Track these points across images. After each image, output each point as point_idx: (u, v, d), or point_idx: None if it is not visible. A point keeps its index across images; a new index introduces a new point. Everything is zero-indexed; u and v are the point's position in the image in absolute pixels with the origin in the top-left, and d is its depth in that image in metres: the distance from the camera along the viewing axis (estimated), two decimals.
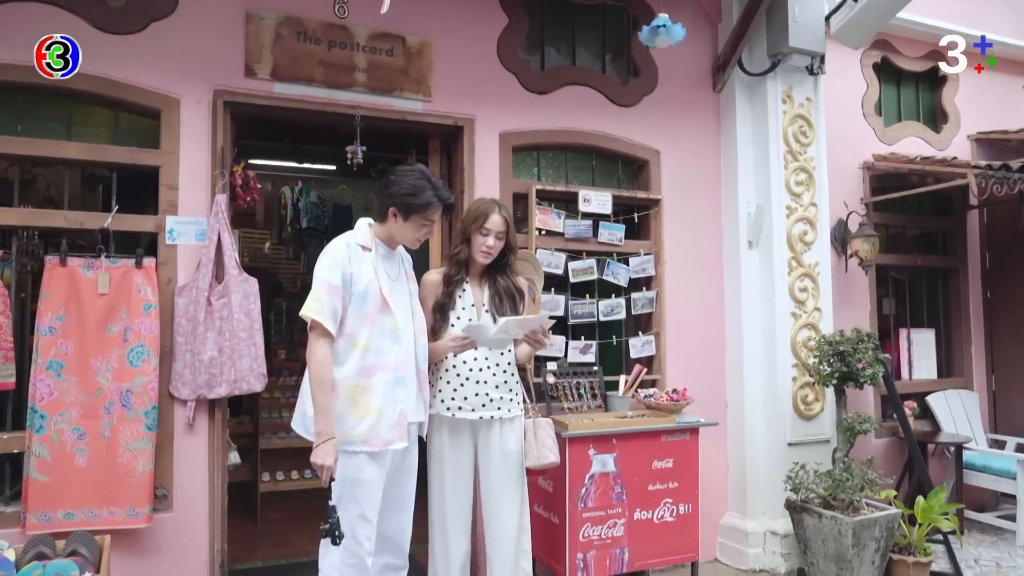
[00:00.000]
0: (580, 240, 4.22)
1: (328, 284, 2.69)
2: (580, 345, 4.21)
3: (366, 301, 2.76)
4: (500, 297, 3.13)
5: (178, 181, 3.41)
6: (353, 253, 2.77)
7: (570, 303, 4.18)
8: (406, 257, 3.05)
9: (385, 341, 2.78)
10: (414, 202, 2.78)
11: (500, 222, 3.08)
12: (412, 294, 2.99)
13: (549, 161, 4.33)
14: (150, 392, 3.28)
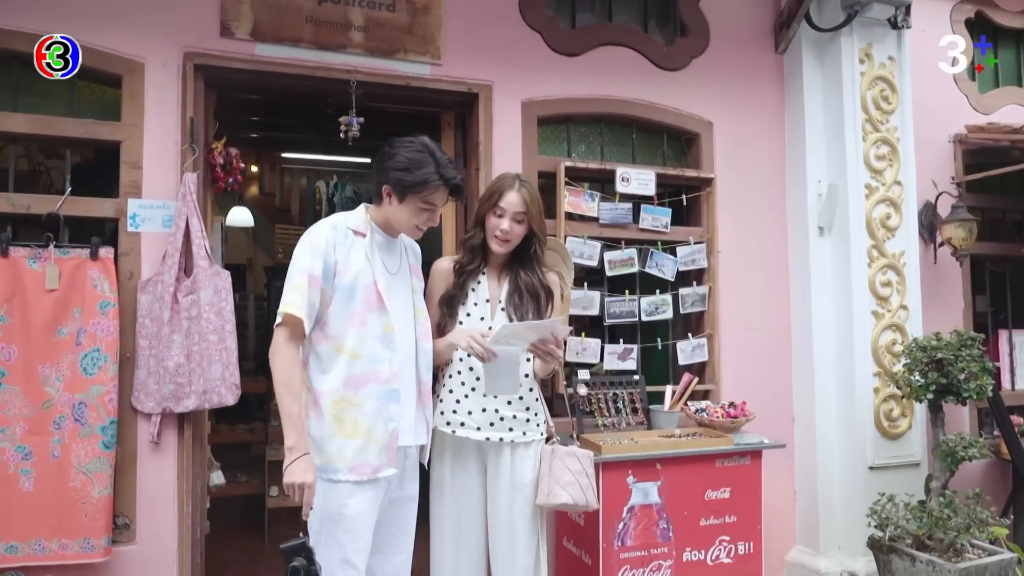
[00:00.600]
0: (618, 226, 3.60)
1: (308, 274, 2.18)
2: (618, 350, 3.59)
3: (354, 296, 2.24)
4: (520, 294, 2.55)
5: (142, 158, 2.93)
6: (340, 238, 2.25)
7: (606, 300, 3.57)
8: (412, 248, 2.51)
9: (377, 346, 2.25)
10: (409, 179, 2.23)
11: (517, 202, 2.50)
12: (416, 292, 2.45)
13: (581, 134, 3.72)
14: (108, 404, 2.80)
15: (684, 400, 3.44)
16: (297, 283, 2.17)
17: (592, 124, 3.71)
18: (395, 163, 2.23)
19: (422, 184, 2.23)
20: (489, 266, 2.62)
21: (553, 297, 2.63)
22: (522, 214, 2.52)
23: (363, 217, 2.35)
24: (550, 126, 3.66)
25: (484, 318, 2.56)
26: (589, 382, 3.37)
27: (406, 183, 2.23)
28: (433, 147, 2.28)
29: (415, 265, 2.49)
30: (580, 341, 3.51)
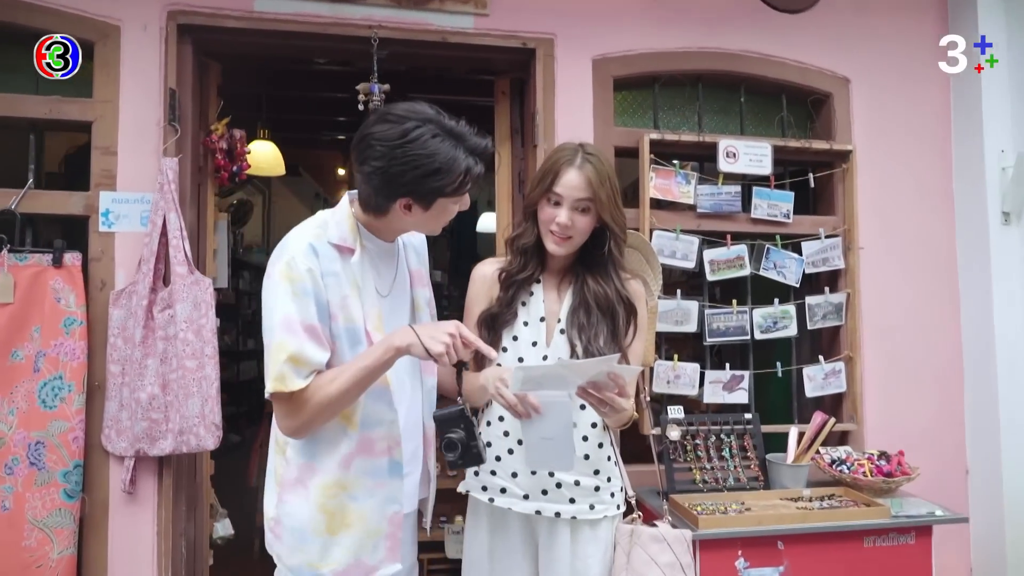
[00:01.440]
0: (722, 216, 2.76)
1: (302, 325, 1.49)
2: (723, 378, 2.75)
3: (357, 344, 1.57)
4: (588, 310, 1.82)
5: (117, 142, 2.39)
6: (325, 264, 1.54)
7: (707, 313, 2.73)
8: (411, 243, 1.79)
9: (371, 407, 1.59)
10: (443, 183, 1.49)
11: (579, 183, 1.77)
12: (420, 308, 1.76)
13: (671, 99, 2.90)
14: (71, 444, 2.27)
15: (815, 447, 2.55)
16: (285, 343, 1.48)
17: (686, 86, 2.89)
18: (413, 165, 1.46)
19: (461, 183, 1.51)
20: (547, 272, 1.89)
21: (636, 313, 1.86)
22: (586, 200, 1.77)
23: (349, 223, 1.59)
24: (630, 90, 2.87)
25: (537, 343, 1.83)
26: (683, 422, 2.55)
27: (440, 189, 1.50)
28: (444, 119, 1.50)
29: (418, 270, 1.78)
30: (672, 367, 2.69)
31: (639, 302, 1.89)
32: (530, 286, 1.89)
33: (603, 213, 1.79)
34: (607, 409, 1.63)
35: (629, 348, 1.85)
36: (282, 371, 1.46)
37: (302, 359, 1.47)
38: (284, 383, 1.46)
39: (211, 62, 2.67)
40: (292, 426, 1.53)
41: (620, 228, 1.85)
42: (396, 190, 1.49)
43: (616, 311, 1.83)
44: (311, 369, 1.49)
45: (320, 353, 1.50)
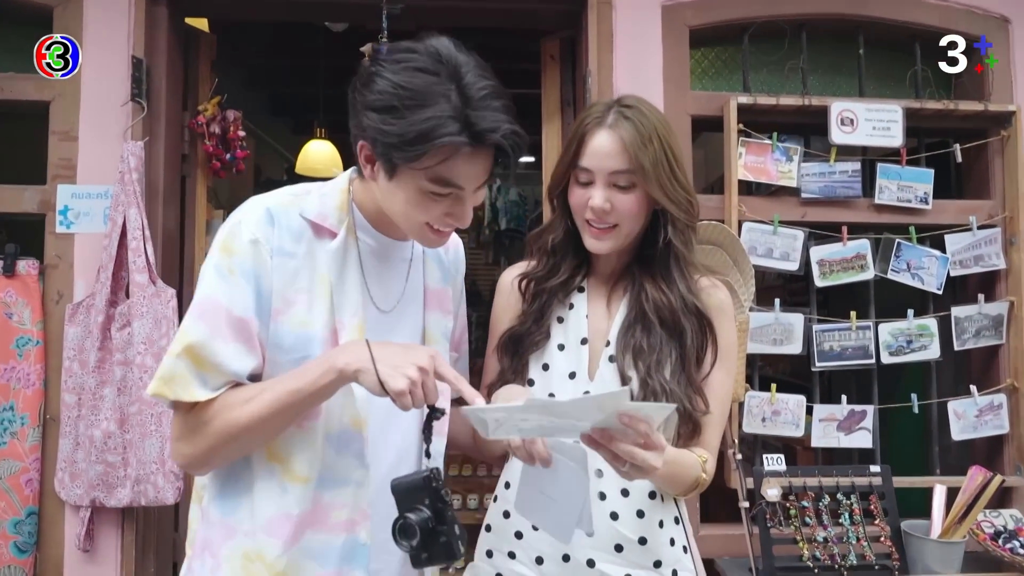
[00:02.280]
0: (835, 202, 2.12)
1: (225, 314, 1.04)
2: (839, 414, 2.10)
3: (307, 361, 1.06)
4: (648, 328, 1.26)
5: (78, 125, 1.99)
6: (283, 243, 1.08)
7: (816, 330, 2.09)
8: (437, 256, 1.26)
9: (332, 459, 1.09)
10: (398, 132, 0.96)
11: (613, 149, 1.22)
12: (435, 338, 1.23)
13: (765, 54, 2.25)
14: (25, 488, 1.89)
15: (973, 515, 1.86)
16: (191, 331, 1.03)
17: (785, 36, 2.24)
18: (372, 96, 0.99)
19: (423, 141, 0.96)
20: (593, 277, 1.34)
21: (714, 331, 1.27)
22: (625, 173, 1.21)
23: (339, 199, 1.12)
24: (712, 44, 2.26)
25: (576, 374, 1.27)
26: (785, 474, 1.91)
27: (394, 141, 0.97)
28: (457, 59, 0.99)
29: (439, 289, 1.25)
30: (769, 400, 2.06)
31: (721, 316, 1.30)
32: (568, 296, 1.33)
33: (650, 188, 1.21)
34: (627, 467, 1.05)
35: (707, 381, 1.27)
36: (174, 369, 1.01)
37: (207, 359, 1.01)
38: (171, 387, 1.00)
39: (202, 32, 2.25)
40: (185, 453, 1.06)
41: (681, 209, 1.26)
42: (356, 124, 1.02)
43: (684, 328, 1.25)
44: (222, 378, 1.02)
45: (240, 358, 1.03)
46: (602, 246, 1.26)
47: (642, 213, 1.25)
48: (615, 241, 1.25)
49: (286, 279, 1.05)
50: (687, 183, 1.27)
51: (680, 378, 1.23)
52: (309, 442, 1.07)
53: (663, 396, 1.21)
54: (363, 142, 1.02)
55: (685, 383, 1.23)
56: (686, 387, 1.23)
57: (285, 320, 1.05)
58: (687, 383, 1.23)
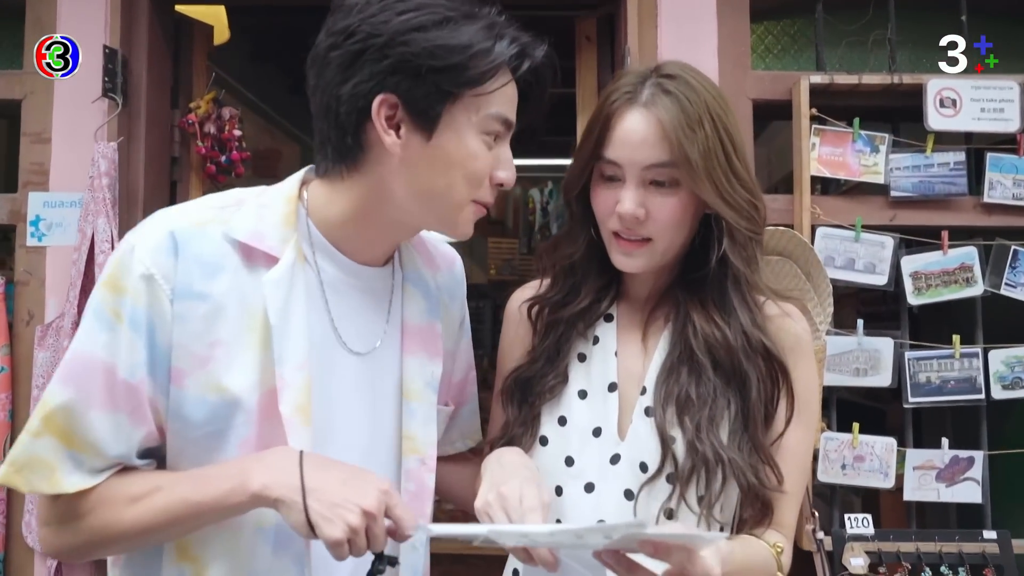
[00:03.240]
0: (932, 202, 1.75)
1: (103, 374, 0.77)
2: (938, 460, 1.72)
3: (224, 438, 0.80)
4: (696, 371, 0.94)
5: (51, 126, 1.79)
6: (191, 274, 0.79)
7: (908, 357, 1.72)
8: (421, 278, 0.96)
9: (277, 558, 0.80)
10: (470, 41, 0.77)
11: (648, 134, 0.90)
12: (416, 393, 0.93)
13: (841, 24, 1.87)
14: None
15: None
16: (55, 396, 0.78)
17: (867, 5, 1.86)
18: (407, 16, 0.76)
19: (492, 61, 0.78)
20: (624, 302, 1.03)
21: (788, 376, 0.94)
22: (665, 167, 0.90)
23: (283, 210, 0.84)
24: (776, 16, 1.91)
25: (602, 431, 0.96)
26: (873, 539, 1.55)
27: (459, 60, 0.77)
28: None
29: (424, 325, 0.95)
30: (850, 443, 1.70)
31: (797, 356, 0.96)
32: (591, 327, 1.01)
33: (700, 187, 0.90)
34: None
35: (780, 443, 0.94)
36: (31, 451, 0.77)
37: (78, 434, 0.76)
38: (25, 476, 0.76)
39: (196, 21, 2.02)
40: (53, 544, 0.82)
41: (742, 215, 0.93)
42: (370, 74, 0.77)
43: (746, 374, 0.92)
44: (102, 461, 0.77)
45: (122, 435, 0.77)
46: (633, 263, 0.94)
47: (687, 221, 0.93)
48: (650, 258, 0.94)
49: (194, 330, 0.78)
50: (750, 180, 0.94)
51: (742, 441, 0.91)
52: (232, 538, 0.79)
53: (717, 465, 0.89)
54: (384, 95, 0.77)
55: (749, 448, 0.91)
56: (750, 454, 0.91)
57: (193, 384, 0.78)
58: (751, 448, 0.91)
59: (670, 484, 0.91)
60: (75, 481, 0.76)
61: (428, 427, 0.91)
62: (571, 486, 0.93)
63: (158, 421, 0.79)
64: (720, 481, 0.89)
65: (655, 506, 0.90)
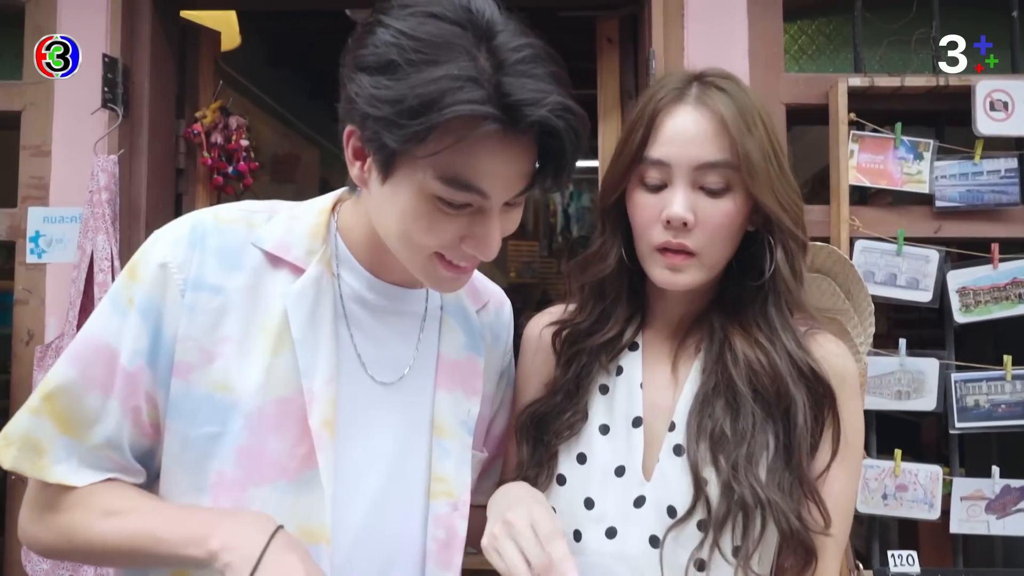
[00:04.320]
0: (979, 212, 1.65)
1: (110, 359, 0.75)
2: (986, 491, 1.60)
3: (219, 441, 0.75)
4: (735, 404, 0.84)
5: (51, 139, 1.73)
6: (211, 268, 0.76)
7: (954, 380, 1.61)
8: (460, 310, 0.90)
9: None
10: (402, 95, 0.63)
11: (703, 131, 0.82)
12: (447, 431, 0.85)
13: (881, 23, 1.76)
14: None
15: None
16: (58, 376, 0.75)
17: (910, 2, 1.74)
18: (365, 52, 0.67)
19: (429, 110, 0.62)
20: (651, 328, 0.94)
21: (835, 405, 0.84)
22: (721, 164, 0.82)
23: (314, 222, 0.80)
24: (811, 15, 1.80)
25: (625, 471, 0.87)
26: None
27: (389, 113, 0.64)
28: (491, 13, 0.67)
29: (463, 360, 0.88)
30: (892, 471, 1.59)
31: (845, 390, 0.87)
32: (616, 357, 0.92)
33: (759, 189, 0.82)
34: None
35: (825, 482, 0.84)
36: (25, 428, 0.75)
37: (74, 416, 0.74)
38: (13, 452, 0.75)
39: (203, 28, 1.95)
40: (28, 534, 0.80)
41: (797, 224, 0.85)
42: (344, 102, 0.71)
43: (792, 398, 0.82)
44: (90, 450, 0.75)
45: (109, 420, 0.75)
46: (680, 280, 0.84)
47: (735, 232, 0.84)
48: (696, 274, 0.84)
49: (204, 323, 0.75)
50: (797, 189, 0.86)
51: (783, 479, 0.81)
52: None
53: (756, 509, 0.80)
54: (351, 127, 0.71)
55: (791, 486, 0.81)
56: (792, 492, 0.81)
57: (199, 379, 0.74)
58: (794, 485, 0.81)
59: (701, 531, 0.81)
60: (59, 472, 0.74)
61: (462, 469, 0.84)
62: (591, 531, 0.85)
63: (153, 417, 0.76)
64: (759, 528, 0.79)
65: (683, 555, 0.81)
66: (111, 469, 0.76)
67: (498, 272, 8.06)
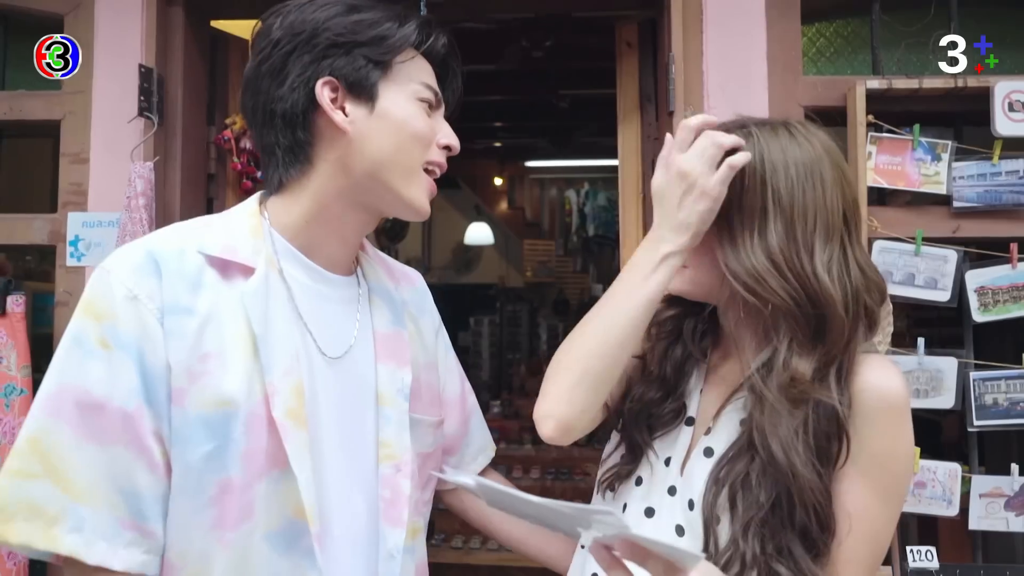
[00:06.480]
0: (997, 212, 1.65)
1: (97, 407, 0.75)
2: (1006, 488, 1.62)
3: (224, 451, 0.79)
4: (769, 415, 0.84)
5: (89, 146, 1.79)
6: (176, 290, 0.80)
7: (973, 378, 1.62)
8: (384, 289, 0.99)
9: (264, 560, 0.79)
10: (382, 16, 0.87)
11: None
12: (390, 399, 0.93)
13: (899, 25, 1.78)
14: (6, 562, 1.69)
15: None
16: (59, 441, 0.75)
17: (929, 3, 1.76)
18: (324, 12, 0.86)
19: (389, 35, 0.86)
20: (720, 338, 0.99)
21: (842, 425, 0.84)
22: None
23: (249, 223, 0.88)
24: (829, 18, 1.82)
25: (671, 461, 0.94)
26: (937, 573, 1.46)
27: (379, 33, 0.86)
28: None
29: (391, 332, 0.96)
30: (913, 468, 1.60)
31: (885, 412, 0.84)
32: (690, 365, 0.97)
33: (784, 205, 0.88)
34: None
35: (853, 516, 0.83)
36: (23, 496, 0.74)
37: (73, 479, 0.75)
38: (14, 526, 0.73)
39: (231, 37, 2.01)
40: None
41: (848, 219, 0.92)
42: (304, 66, 0.84)
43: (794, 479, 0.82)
44: (104, 515, 0.74)
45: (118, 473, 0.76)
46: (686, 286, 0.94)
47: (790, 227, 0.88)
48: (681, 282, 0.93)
49: (187, 344, 0.78)
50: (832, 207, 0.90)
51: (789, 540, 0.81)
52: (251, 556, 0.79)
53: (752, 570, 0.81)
54: (325, 79, 0.84)
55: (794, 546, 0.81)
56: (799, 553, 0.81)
57: (192, 401, 0.78)
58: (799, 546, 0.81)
59: None
60: (72, 542, 0.72)
61: (402, 433, 0.91)
62: (635, 505, 0.92)
63: (166, 457, 0.78)
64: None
65: (700, 547, 0.86)
66: (129, 542, 0.75)
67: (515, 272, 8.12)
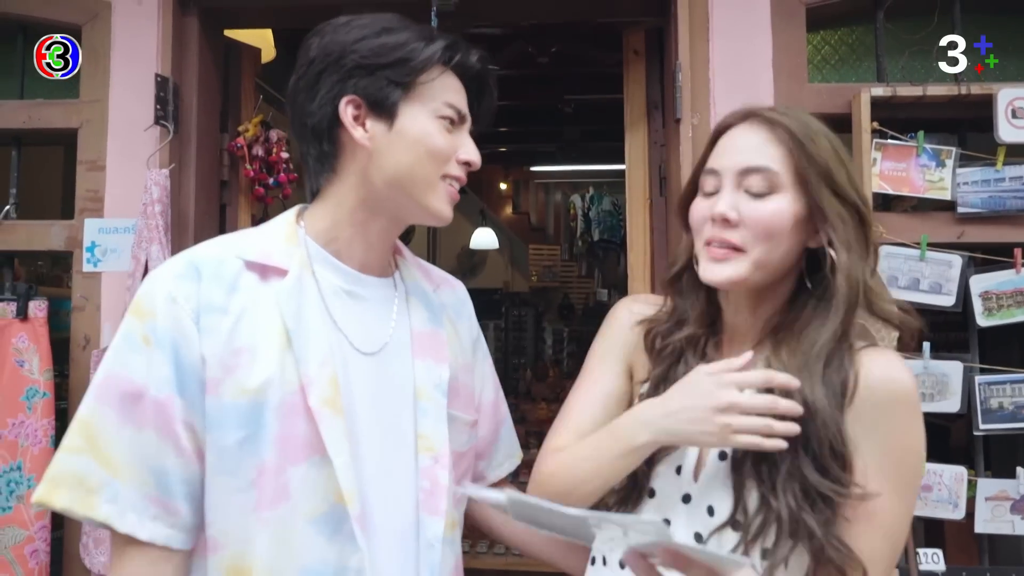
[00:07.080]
0: (1001, 217, 1.67)
1: (137, 395, 0.83)
2: (1011, 492, 1.63)
3: (257, 438, 0.84)
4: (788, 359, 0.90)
5: (105, 153, 1.82)
6: (212, 292, 0.87)
7: (978, 382, 1.64)
8: (421, 291, 1.03)
9: (311, 543, 0.84)
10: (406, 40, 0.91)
11: (751, 143, 0.91)
12: (427, 394, 0.96)
13: (903, 33, 1.80)
14: (29, 560, 1.72)
15: None
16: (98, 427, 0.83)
17: (933, 10, 1.78)
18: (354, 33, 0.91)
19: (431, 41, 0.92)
20: (727, 333, 1.00)
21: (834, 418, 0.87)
22: (763, 170, 0.90)
23: (285, 231, 0.94)
24: (834, 26, 1.83)
25: (682, 469, 0.95)
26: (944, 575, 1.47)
27: (400, 56, 0.90)
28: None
29: (427, 331, 1.00)
30: None
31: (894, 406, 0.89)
32: (695, 359, 0.98)
33: (817, 194, 0.89)
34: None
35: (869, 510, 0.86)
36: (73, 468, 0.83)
37: (112, 455, 0.83)
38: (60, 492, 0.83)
39: (244, 45, 2.04)
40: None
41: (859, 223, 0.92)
42: (332, 84, 0.90)
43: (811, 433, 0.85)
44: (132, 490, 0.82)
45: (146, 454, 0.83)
46: (723, 271, 0.90)
47: (784, 232, 0.89)
48: (742, 266, 0.89)
49: (222, 340, 0.85)
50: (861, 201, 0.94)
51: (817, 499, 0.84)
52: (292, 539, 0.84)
53: (789, 525, 0.84)
54: (348, 97, 0.90)
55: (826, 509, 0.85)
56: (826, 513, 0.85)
57: (227, 390, 0.84)
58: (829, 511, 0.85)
59: (736, 532, 0.87)
60: (108, 512, 0.81)
61: (439, 426, 0.95)
62: (650, 517, 0.92)
63: (196, 443, 0.84)
64: (789, 546, 0.84)
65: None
66: (155, 516, 0.82)
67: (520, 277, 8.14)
